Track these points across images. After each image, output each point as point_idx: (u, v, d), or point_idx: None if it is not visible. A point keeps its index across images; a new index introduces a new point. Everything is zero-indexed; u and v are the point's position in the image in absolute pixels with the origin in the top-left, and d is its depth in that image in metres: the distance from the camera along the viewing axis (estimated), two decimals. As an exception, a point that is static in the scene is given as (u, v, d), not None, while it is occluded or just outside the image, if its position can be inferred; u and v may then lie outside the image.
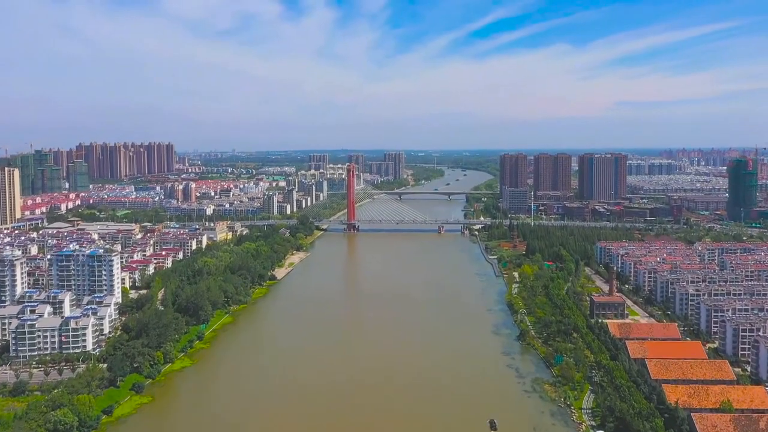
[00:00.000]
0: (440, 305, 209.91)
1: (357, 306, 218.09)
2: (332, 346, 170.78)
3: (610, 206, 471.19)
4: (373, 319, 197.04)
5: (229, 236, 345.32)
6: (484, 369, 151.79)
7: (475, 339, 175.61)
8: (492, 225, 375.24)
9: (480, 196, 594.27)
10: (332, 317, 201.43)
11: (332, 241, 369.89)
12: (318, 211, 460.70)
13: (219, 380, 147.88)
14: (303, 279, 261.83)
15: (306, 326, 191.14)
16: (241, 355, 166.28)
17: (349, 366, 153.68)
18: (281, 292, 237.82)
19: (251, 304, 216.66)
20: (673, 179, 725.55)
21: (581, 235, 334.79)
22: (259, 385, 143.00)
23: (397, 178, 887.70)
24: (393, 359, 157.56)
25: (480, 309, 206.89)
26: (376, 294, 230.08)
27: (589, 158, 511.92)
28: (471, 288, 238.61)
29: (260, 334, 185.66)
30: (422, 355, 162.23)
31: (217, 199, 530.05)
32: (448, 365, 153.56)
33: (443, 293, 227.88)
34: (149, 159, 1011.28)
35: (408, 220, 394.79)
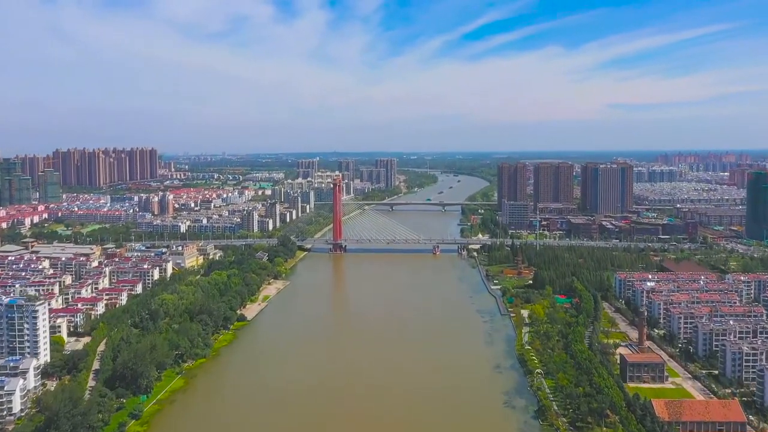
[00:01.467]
0: (438, 362, 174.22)
1: (334, 361, 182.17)
2: (305, 415, 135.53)
3: (617, 220, 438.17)
4: (354, 387, 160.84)
5: (200, 261, 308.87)
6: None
7: (483, 416, 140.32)
8: (492, 246, 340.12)
9: (476, 207, 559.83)
10: (304, 376, 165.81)
11: (316, 265, 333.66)
12: (302, 228, 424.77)
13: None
14: (277, 319, 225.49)
15: (274, 390, 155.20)
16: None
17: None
18: (249, 339, 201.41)
19: (212, 358, 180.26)
20: (676, 187, 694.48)
21: (593, 259, 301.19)
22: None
23: (389, 185, 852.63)
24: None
25: (486, 366, 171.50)
26: (361, 346, 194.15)
27: (593, 168, 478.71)
28: (474, 333, 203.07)
29: (216, 405, 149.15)
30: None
31: (196, 212, 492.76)
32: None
33: (441, 342, 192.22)
34: (131, 165, 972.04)
35: (400, 240, 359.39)
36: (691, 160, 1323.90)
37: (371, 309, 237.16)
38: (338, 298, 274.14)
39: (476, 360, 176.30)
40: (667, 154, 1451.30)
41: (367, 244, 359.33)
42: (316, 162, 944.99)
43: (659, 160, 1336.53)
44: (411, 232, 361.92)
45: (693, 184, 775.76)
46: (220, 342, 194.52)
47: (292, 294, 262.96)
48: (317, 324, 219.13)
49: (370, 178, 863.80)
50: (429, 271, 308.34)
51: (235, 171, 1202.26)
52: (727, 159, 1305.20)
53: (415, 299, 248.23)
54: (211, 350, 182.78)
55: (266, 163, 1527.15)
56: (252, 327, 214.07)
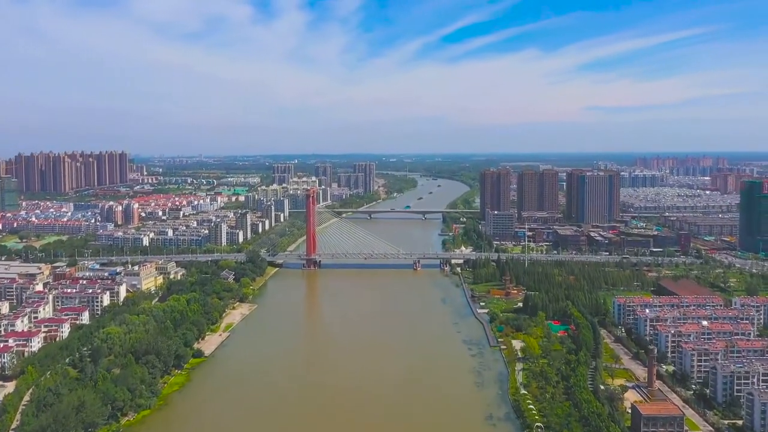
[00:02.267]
0: (422, 412, 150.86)
1: (302, 404, 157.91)
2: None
3: (605, 230, 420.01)
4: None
5: (159, 281, 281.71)
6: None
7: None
8: (477, 262, 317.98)
9: (458, 215, 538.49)
10: (268, 428, 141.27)
11: (287, 284, 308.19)
12: (275, 240, 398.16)
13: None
14: (239, 353, 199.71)
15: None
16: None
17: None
18: (205, 381, 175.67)
19: (158, 408, 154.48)
20: (660, 194, 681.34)
21: (585, 277, 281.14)
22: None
23: (367, 190, 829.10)
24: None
25: (477, 416, 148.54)
26: (331, 389, 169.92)
27: (580, 175, 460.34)
28: (461, 371, 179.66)
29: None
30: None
31: (163, 222, 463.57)
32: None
33: (426, 385, 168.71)
34: (99, 169, 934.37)
35: (379, 254, 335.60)
36: (670, 164, 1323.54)
37: (346, 339, 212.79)
38: (309, 325, 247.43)
39: (465, 408, 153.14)
40: (646, 157, 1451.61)
41: (343, 258, 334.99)
42: (293, 166, 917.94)
43: (638, 164, 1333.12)
44: (390, 246, 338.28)
45: (675, 189, 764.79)
46: (171, 386, 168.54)
47: (258, 320, 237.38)
48: (284, 358, 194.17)
49: (348, 183, 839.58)
50: (410, 291, 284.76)
51: (210, 175, 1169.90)
52: (704, 163, 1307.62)
53: (396, 327, 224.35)
54: (157, 399, 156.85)
55: (243, 166, 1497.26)
56: (210, 364, 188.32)
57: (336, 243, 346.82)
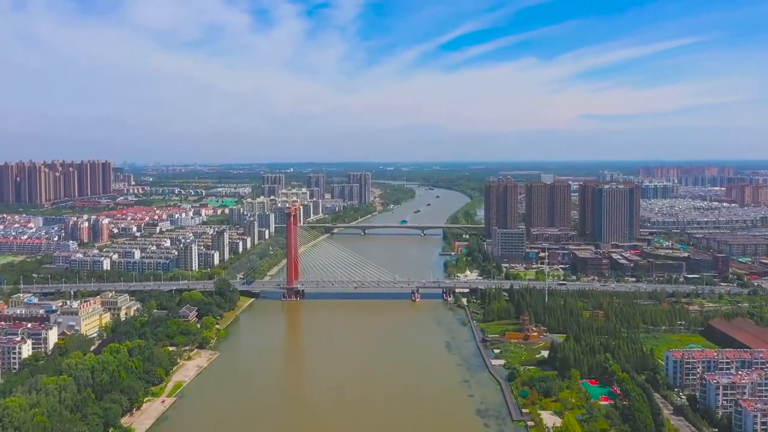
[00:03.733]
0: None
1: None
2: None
3: (626, 250, 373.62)
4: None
5: (105, 320, 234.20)
6: None
7: None
8: (486, 292, 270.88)
9: (460, 231, 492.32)
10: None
11: (261, 321, 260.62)
12: (254, 263, 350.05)
13: None
14: (185, 429, 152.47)
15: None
16: None
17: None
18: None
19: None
20: (675, 206, 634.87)
21: (616, 312, 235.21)
22: None
23: (362, 202, 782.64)
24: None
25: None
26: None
27: (596, 189, 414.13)
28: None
29: None
30: None
31: (130, 242, 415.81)
32: None
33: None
34: (80, 180, 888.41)
35: (371, 281, 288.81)
36: (673, 173, 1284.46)
37: (324, 410, 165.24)
38: (280, 383, 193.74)
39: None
40: (650, 166, 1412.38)
41: (330, 287, 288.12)
42: (283, 177, 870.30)
43: (641, 172, 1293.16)
44: (384, 272, 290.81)
45: (688, 200, 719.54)
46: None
47: (218, 375, 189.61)
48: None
49: (342, 194, 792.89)
50: (408, 331, 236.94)
51: (199, 185, 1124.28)
52: (709, 172, 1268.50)
53: (391, 389, 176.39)
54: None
55: (237, 175, 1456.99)
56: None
57: (323, 267, 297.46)
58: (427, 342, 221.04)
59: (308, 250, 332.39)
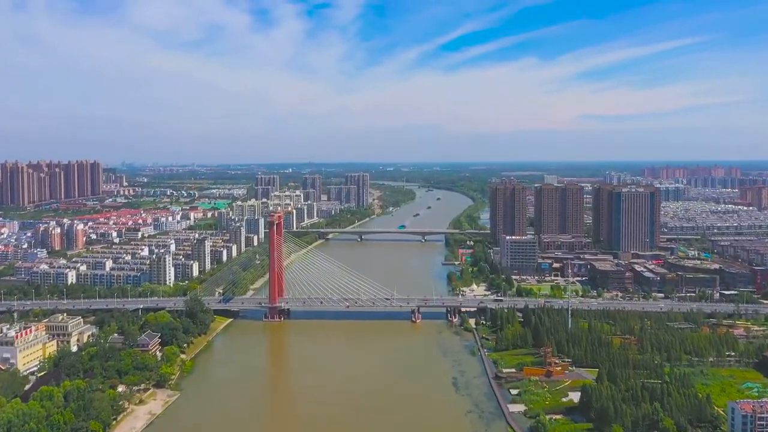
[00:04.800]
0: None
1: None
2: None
3: (648, 260, 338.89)
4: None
5: (50, 349, 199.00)
6: None
7: None
8: (498, 313, 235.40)
9: (464, 237, 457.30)
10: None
11: (238, 347, 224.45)
12: (235, 274, 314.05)
13: None
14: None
15: None
16: None
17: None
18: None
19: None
20: (690, 210, 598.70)
21: (651, 339, 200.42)
22: None
23: (360, 204, 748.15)
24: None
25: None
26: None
27: (613, 192, 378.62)
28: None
29: None
30: None
31: (103, 251, 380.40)
32: None
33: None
34: (67, 181, 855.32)
35: (366, 299, 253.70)
36: (680, 174, 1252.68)
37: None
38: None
39: None
40: (654, 167, 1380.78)
41: (319, 306, 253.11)
42: (278, 178, 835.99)
43: (646, 173, 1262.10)
44: (380, 288, 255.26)
45: (701, 203, 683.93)
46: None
47: (175, 426, 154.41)
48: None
49: (339, 197, 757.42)
50: (407, 363, 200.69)
51: (193, 186, 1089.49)
52: (716, 173, 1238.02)
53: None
54: None
55: (234, 176, 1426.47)
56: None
57: (312, 281, 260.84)
58: (430, 378, 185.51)
59: (298, 260, 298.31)
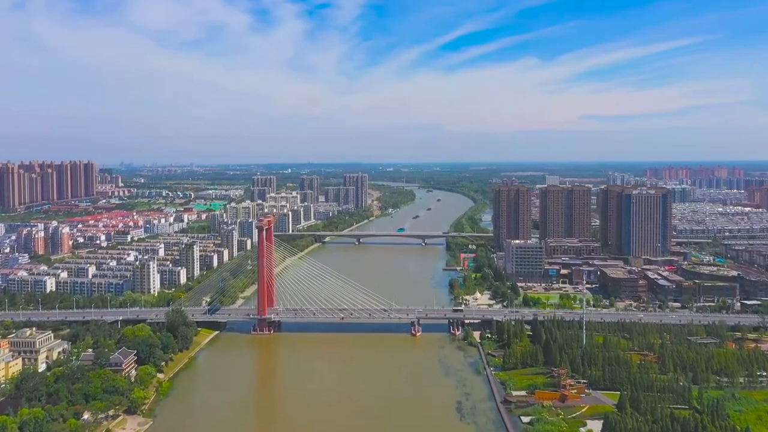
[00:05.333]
0: None
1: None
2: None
3: (661, 266, 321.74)
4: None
5: (14, 369, 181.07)
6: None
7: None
8: (505, 326, 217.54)
9: (466, 241, 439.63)
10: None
11: (223, 364, 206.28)
12: (225, 281, 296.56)
13: None
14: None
15: None
16: None
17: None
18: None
19: None
20: (698, 212, 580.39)
21: (673, 356, 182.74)
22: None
23: (359, 206, 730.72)
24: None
25: None
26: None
27: (622, 194, 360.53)
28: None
29: None
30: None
31: (87, 256, 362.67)
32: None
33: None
34: (60, 181, 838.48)
35: (362, 310, 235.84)
36: (683, 174, 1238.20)
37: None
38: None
39: None
40: (657, 167, 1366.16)
41: (312, 317, 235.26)
42: (275, 179, 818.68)
43: (649, 174, 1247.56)
44: (377, 297, 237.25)
45: (709, 205, 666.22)
46: None
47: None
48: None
49: (338, 198, 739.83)
50: (406, 383, 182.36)
51: (190, 186, 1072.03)
52: (719, 173, 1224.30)
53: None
54: None
55: (233, 176, 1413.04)
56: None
57: (304, 290, 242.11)
58: (432, 402, 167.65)
59: (292, 266, 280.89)
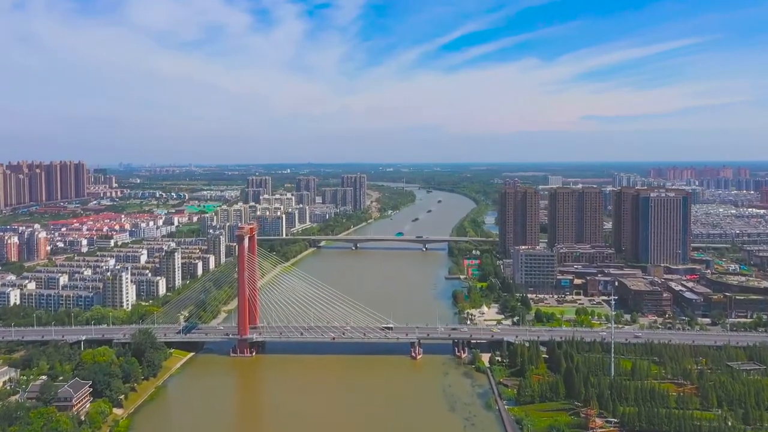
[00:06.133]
0: None
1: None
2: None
3: (682, 275, 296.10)
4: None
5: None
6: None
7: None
8: (517, 350, 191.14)
9: (469, 246, 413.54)
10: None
11: (195, 395, 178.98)
12: (208, 292, 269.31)
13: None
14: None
15: None
16: None
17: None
18: None
19: None
20: (711, 214, 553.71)
21: (721, 394, 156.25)
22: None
23: (357, 207, 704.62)
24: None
25: None
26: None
27: (641, 198, 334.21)
28: None
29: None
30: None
31: (63, 263, 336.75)
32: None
33: None
34: (49, 182, 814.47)
35: (356, 328, 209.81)
36: (688, 175, 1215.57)
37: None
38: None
39: None
40: (661, 167, 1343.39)
41: (299, 337, 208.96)
42: (270, 179, 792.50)
43: (652, 174, 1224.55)
44: (373, 314, 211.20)
45: (721, 207, 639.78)
46: None
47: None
48: None
49: (335, 199, 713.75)
50: (405, 423, 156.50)
51: (184, 188, 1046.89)
52: (724, 173, 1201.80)
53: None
54: None
55: (231, 176, 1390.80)
56: None
57: (292, 304, 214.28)
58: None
59: (282, 274, 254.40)
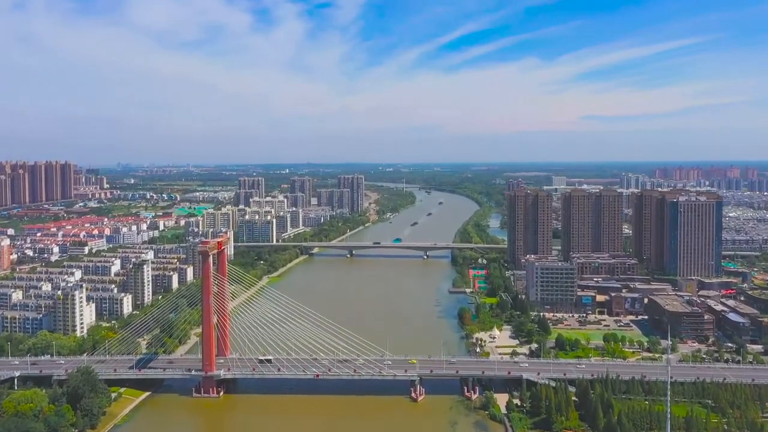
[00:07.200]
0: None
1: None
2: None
3: (717, 290, 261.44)
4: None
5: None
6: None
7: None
8: (540, 392, 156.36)
9: (475, 254, 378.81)
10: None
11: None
12: (178, 312, 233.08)
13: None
14: None
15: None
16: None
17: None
18: None
19: None
20: (732, 218, 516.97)
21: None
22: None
23: (354, 210, 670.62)
24: None
25: None
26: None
27: (669, 202, 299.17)
28: None
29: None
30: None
31: (18, 278, 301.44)
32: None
33: None
34: (34, 183, 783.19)
35: (345, 363, 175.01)
36: (694, 175, 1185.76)
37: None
38: None
39: None
40: (666, 167, 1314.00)
41: (276, 373, 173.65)
42: (262, 180, 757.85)
43: (658, 174, 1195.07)
44: (366, 344, 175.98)
45: (740, 210, 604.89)
46: None
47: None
48: None
49: (331, 201, 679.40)
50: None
51: (177, 189, 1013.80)
52: (732, 173, 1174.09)
53: None
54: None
55: (228, 177, 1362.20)
56: None
57: (270, 331, 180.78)
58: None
59: (262, 290, 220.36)
